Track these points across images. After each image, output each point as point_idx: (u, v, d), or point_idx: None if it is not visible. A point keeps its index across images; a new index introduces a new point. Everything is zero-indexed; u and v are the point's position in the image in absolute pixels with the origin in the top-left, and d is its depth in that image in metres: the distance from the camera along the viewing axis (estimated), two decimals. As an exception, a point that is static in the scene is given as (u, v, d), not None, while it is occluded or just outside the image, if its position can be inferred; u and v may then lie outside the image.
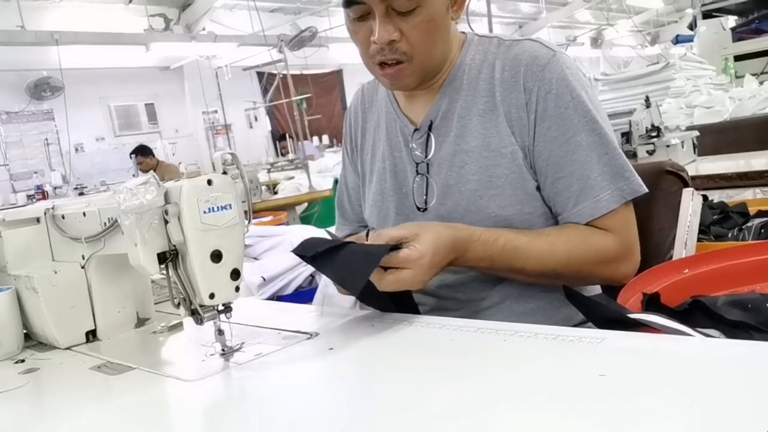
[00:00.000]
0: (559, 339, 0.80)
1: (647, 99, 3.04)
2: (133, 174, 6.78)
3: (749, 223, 1.93)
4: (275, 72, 8.41)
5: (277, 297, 2.25)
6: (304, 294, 2.26)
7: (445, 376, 0.76)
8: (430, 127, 1.17)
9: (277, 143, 10.72)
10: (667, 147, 2.86)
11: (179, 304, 0.93)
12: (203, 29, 9.59)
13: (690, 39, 8.65)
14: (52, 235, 1.18)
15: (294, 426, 0.70)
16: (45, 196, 7.43)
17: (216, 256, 0.90)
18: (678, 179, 1.35)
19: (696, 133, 3.16)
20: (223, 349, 0.94)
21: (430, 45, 1.09)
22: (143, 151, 6.97)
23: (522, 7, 14.45)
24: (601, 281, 1.14)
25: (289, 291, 2.28)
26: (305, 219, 5.42)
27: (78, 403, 0.88)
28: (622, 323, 0.86)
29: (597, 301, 0.99)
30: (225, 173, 0.92)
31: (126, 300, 1.17)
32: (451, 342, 0.87)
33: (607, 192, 1.06)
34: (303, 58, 9.07)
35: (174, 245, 0.90)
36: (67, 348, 1.11)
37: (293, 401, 0.76)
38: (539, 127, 1.08)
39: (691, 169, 2.28)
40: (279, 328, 1.04)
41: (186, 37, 9.13)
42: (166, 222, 0.89)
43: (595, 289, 1.22)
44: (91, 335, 1.13)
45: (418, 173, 1.19)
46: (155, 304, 1.24)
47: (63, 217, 1.14)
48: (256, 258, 2.49)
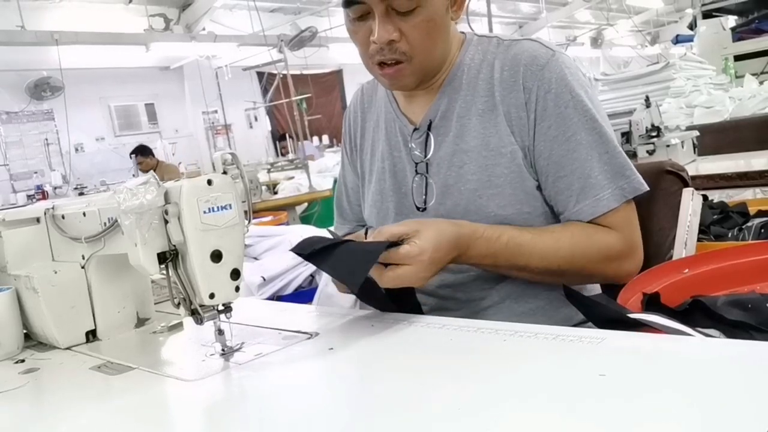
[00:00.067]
0: (559, 339, 0.80)
1: (647, 99, 3.04)
2: (133, 174, 6.77)
3: (749, 223, 1.93)
4: (275, 72, 8.42)
5: (277, 297, 2.25)
6: (304, 294, 2.26)
7: (445, 376, 0.76)
8: (429, 127, 1.17)
9: (277, 143, 10.72)
10: (667, 147, 2.86)
11: (179, 304, 0.93)
12: (203, 29, 9.59)
13: (690, 39, 8.65)
14: (52, 235, 1.18)
15: (294, 426, 0.70)
16: (45, 196, 7.43)
17: (216, 256, 0.90)
18: (678, 179, 1.35)
19: (696, 133, 3.16)
20: (223, 349, 0.94)
21: (429, 45, 1.09)
22: (143, 151, 6.97)
23: (522, 7, 14.46)
24: (605, 279, 1.13)
25: (289, 291, 2.28)
26: (305, 219, 5.42)
27: (78, 403, 0.88)
28: (622, 323, 0.86)
29: (597, 301, 0.99)
30: (225, 173, 0.92)
31: (126, 300, 1.17)
32: (451, 342, 0.87)
33: (608, 191, 1.06)
34: (303, 58, 9.07)
35: (174, 245, 0.90)
36: (67, 348, 1.11)
37: (293, 401, 0.76)
38: (539, 127, 1.08)
39: (691, 169, 2.28)
40: (279, 328, 1.04)
41: (186, 37, 9.13)
42: (166, 222, 0.89)
43: (595, 289, 1.22)
44: (91, 335, 1.13)
45: (417, 173, 1.19)
46: (155, 304, 1.24)
47: (63, 217, 1.14)
48: (256, 258, 2.49)
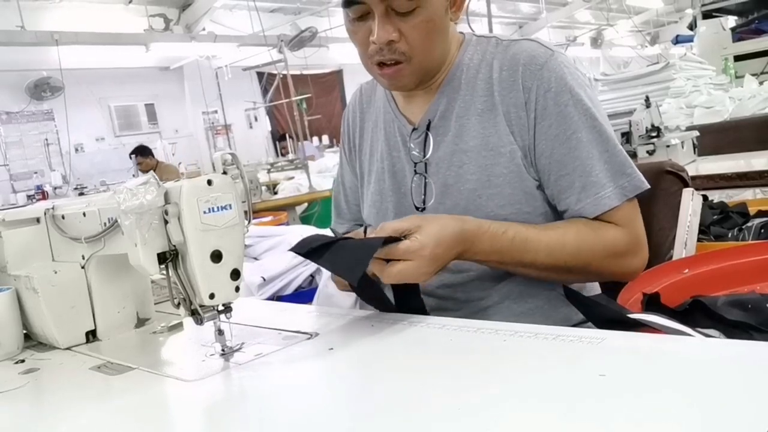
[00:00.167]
0: (559, 339, 0.80)
1: (647, 99, 3.04)
2: (133, 174, 6.77)
3: (749, 223, 1.93)
4: (275, 72, 8.42)
5: (277, 297, 2.25)
6: (304, 294, 2.26)
7: (445, 376, 0.76)
8: (428, 127, 1.17)
9: (277, 143, 10.72)
10: (667, 147, 2.86)
11: (179, 304, 0.93)
12: (203, 29, 9.59)
13: (690, 39, 8.65)
14: (52, 235, 1.18)
15: (294, 426, 0.70)
16: (45, 196, 7.43)
17: (216, 256, 0.90)
18: (678, 179, 1.35)
19: (696, 133, 3.16)
20: (223, 349, 0.94)
21: (429, 45, 1.09)
22: (143, 152, 6.97)
23: (522, 7, 14.46)
24: (611, 276, 1.12)
25: (289, 291, 2.28)
26: (305, 219, 5.42)
27: (78, 403, 0.88)
28: (622, 323, 0.86)
29: (597, 301, 0.99)
30: (225, 173, 0.92)
31: (126, 300, 1.17)
32: (451, 342, 0.87)
33: (609, 189, 1.06)
34: (303, 58, 9.07)
35: (174, 245, 0.90)
36: (67, 348, 1.11)
37: (293, 401, 0.76)
38: (539, 126, 1.08)
39: (691, 169, 2.28)
40: (279, 328, 1.04)
41: (186, 38, 9.13)
42: (166, 222, 0.89)
43: (595, 289, 1.22)
44: (91, 335, 1.13)
45: (416, 173, 1.19)
46: (155, 304, 1.24)
47: (63, 218, 1.14)
48: (256, 258, 2.49)
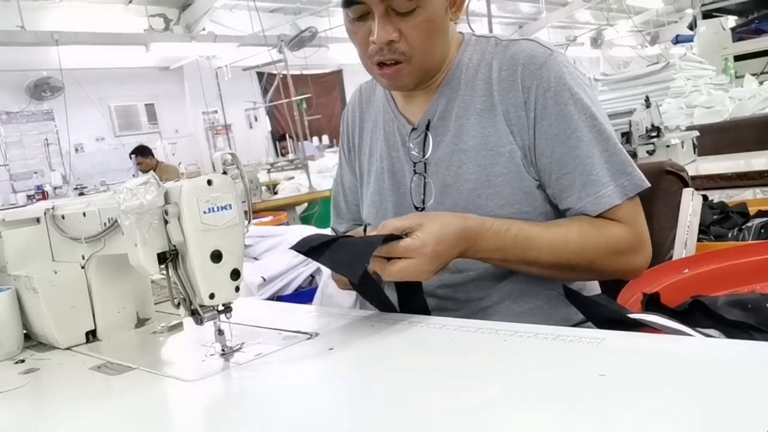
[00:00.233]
0: (559, 339, 0.80)
1: (647, 99, 3.04)
2: (133, 174, 6.77)
3: (749, 223, 1.93)
4: (275, 72, 8.42)
5: (277, 297, 2.25)
6: (304, 294, 2.26)
7: (445, 376, 0.76)
8: (427, 127, 1.17)
9: (277, 143, 10.71)
10: (667, 147, 2.86)
11: (179, 304, 0.93)
12: (203, 29, 9.59)
13: (690, 39, 8.64)
14: (52, 235, 1.18)
15: (294, 426, 0.70)
16: (45, 196, 7.43)
17: (216, 256, 0.90)
18: (678, 179, 1.35)
19: (696, 133, 3.16)
20: (223, 349, 0.94)
21: (429, 45, 1.09)
22: (143, 152, 6.97)
23: (522, 7, 14.46)
24: (615, 274, 1.11)
25: (289, 291, 2.28)
26: (305, 219, 5.42)
27: (78, 403, 0.88)
28: (622, 323, 0.86)
29: (597, 301, 0.99)
30: (225, 173, 0.92)
31: (126, 300, 1.17)
32: (451, 342, 0.87)
33: (610, 188, 1.06)
34: (303, 58, 9.07)
35: (174, 245, 0.90)
36: (67, 348, 1.11)
37: (293, 401, 0.76)
38: (539, 125, 1.08)
39: (691, 169, 2.28)
40: (279, 328, 1.04)
41: (186, 38, 9.13)
42: (166, 222, 0.89)
43: (595, 289, 1.22)
44: (91, 335, 1.13)
45: (415, 173, 1.19)
46: (155, 304, 1.24)
47: (63, 218, 1.14)
48: (256, 258, 2.49)
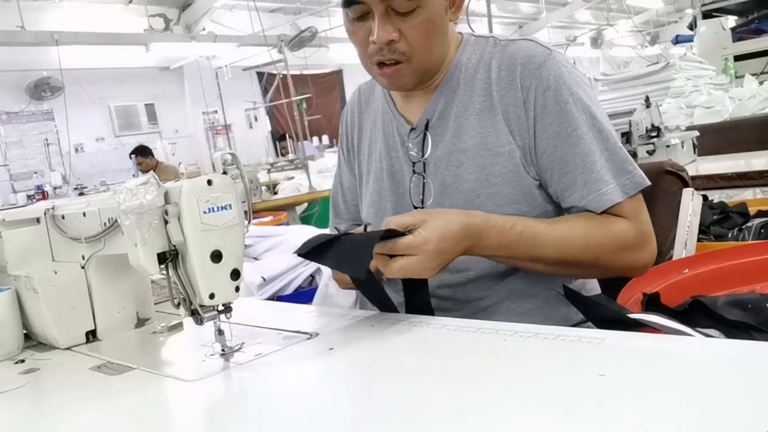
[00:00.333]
0: (559, 339, 0.80)
1: (647, 99, 3.04)
2: (133, 174, 6.78)
3: (749, 223, 1.94)
4: (275, 72, 8.41)
5: (277, 297, 2.25)
6: (304, 294, 2.26)
7: (445, 376, 0.76)
8: (426, 127, 1.17)
9: (277, 143, 10.71)
10: (667, 147, 2.86)
11: (179, 304, 0.93)
12: (203, 29, 9.58)
13: (690, 39, 8.64)
14: (52, 236, 1.18)
15: (294, 426, 0.70)
16: (45, 196, 7.43)
17: (216, 256, 0.90)
18: (678, 179, 1.36)
19: (696, 133, 3.16)
20: (223, 349, 0.94)
21: (428, 45, 1.09)
22: (143, 152, 6.97)
23: (522, 7, 14.45)
24: (620, 271, 1.10)
25: (289, 291, 2.28)
26: (305, 219, 5.42)
27: (78, 403, 0.88)
28: (622, 323, 0.86)
29: (597, 301, 0.99)
30: (225, 173, 0.92)
31: (126, 300, 1.17)
32: (451, 342, 0.87)
33: (611, 185, 1.06)
34: (303, 58, 9.07)
35: (174, 245, 0.90)
36: (67, 348, 1.11)
37: (293, 401, 0.76)
38: (540, 124, 1.08)
39: (691, 169, 2.28)
40: (279, 328, 1.04)
41: (186, 38, 9.13)
42: (166, 222, 0.89)
43: (595, 289, 1.22)
44: (91, 335, 1.13)
45: (414, 173, 1.19)
46: (155, 304, 1.24)
47: (63, 218, 1.14)
48: (256, 258, 2.49)
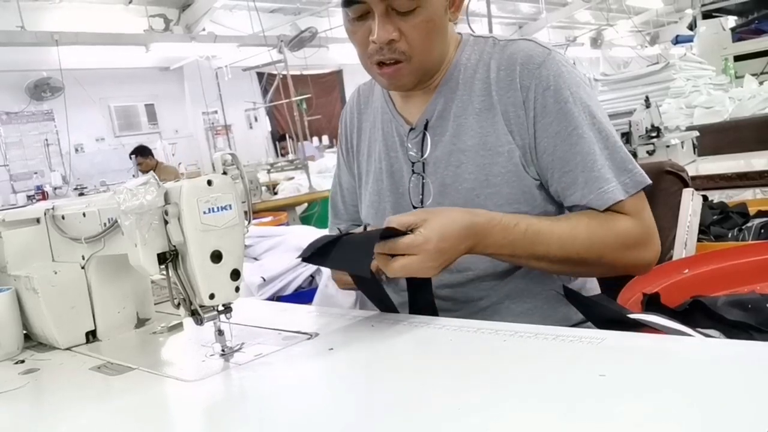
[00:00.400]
0: (559, 339, 0.80)
1: (647, 99, 3.04)
2: (133, 174, 6.78)
3: (749, 223, 1.94)
4: (275, 72, 8.42)
5: (277, 297, 2.25)
6: (304, 294, 2.26)
7: (445, 376, 0.76)
8: (426, 127, 1.17)
9: (277, 143, 10.72)
10: (667, 147, 2.86)
11: (179, 304, 0.93)
12: (203, 30, 9.58)
13: (690, 39, 8.65)
14: (52, 236, 1.18)
15: (294, 426, 0.70)
16: (45, 196, 7.43)
17: (216, 256, 0.90)
18: (678, 179, 1.36)
19: (696, 133, 3.16)
20: (223, 350, 0.94)
21: (428, 45, 1.09)
22: (143, 152, 6.97)
23: (522, 8, 14.45)
24: (624, 269, 1.10)
25: (289, 291, 2.28)
26: (305, 219, 5.42)
27: (78, 404, 0.88)
28: (622, 323, 0.86)
29: (597, 301, 0.99)
30: (225, 174, 0.92)
31: (126, 300, 1.17)
32: (451, 342, 0.87)
33: (612, 184, 1.06)
34: (303, 58, 9.07)
35: (174, 245, 0.90)
36: (67, 348, 1.11)
37: (293, 401, 0.76)
38: (540, 124, 1.08)
39: (691, 169, 2.28)
40: (279, 328, 1.04)
41: (186, 38, 9.13)
42: (166, 222, 0.89)
43: (595, 289, 1.22)
44: (91, 335, 1.13)
45: (414, 173, 1.19)
46: (155, 304, 1.24)
47: (63, 218, 1.14)
48: (256, 258, 2.49)
